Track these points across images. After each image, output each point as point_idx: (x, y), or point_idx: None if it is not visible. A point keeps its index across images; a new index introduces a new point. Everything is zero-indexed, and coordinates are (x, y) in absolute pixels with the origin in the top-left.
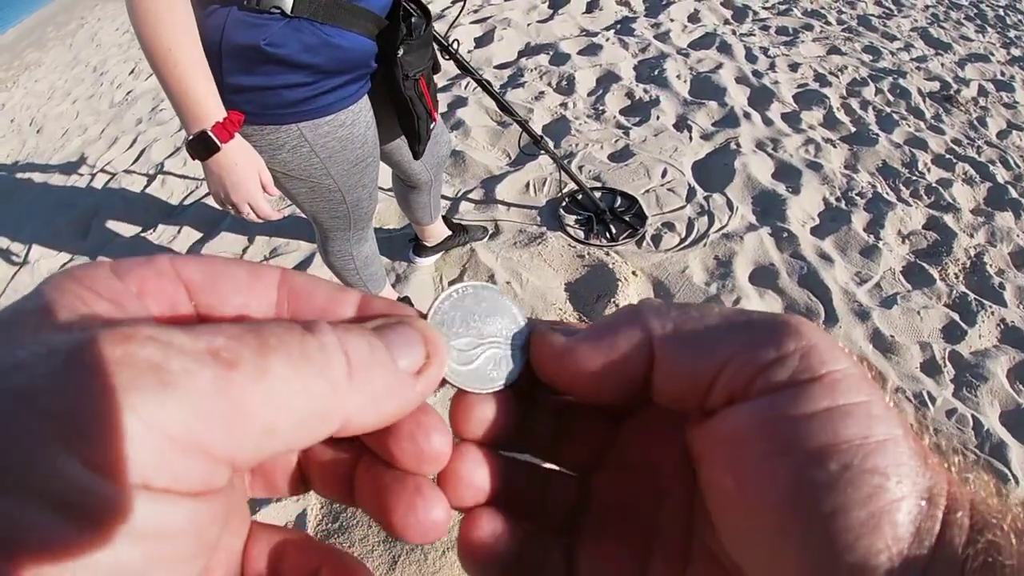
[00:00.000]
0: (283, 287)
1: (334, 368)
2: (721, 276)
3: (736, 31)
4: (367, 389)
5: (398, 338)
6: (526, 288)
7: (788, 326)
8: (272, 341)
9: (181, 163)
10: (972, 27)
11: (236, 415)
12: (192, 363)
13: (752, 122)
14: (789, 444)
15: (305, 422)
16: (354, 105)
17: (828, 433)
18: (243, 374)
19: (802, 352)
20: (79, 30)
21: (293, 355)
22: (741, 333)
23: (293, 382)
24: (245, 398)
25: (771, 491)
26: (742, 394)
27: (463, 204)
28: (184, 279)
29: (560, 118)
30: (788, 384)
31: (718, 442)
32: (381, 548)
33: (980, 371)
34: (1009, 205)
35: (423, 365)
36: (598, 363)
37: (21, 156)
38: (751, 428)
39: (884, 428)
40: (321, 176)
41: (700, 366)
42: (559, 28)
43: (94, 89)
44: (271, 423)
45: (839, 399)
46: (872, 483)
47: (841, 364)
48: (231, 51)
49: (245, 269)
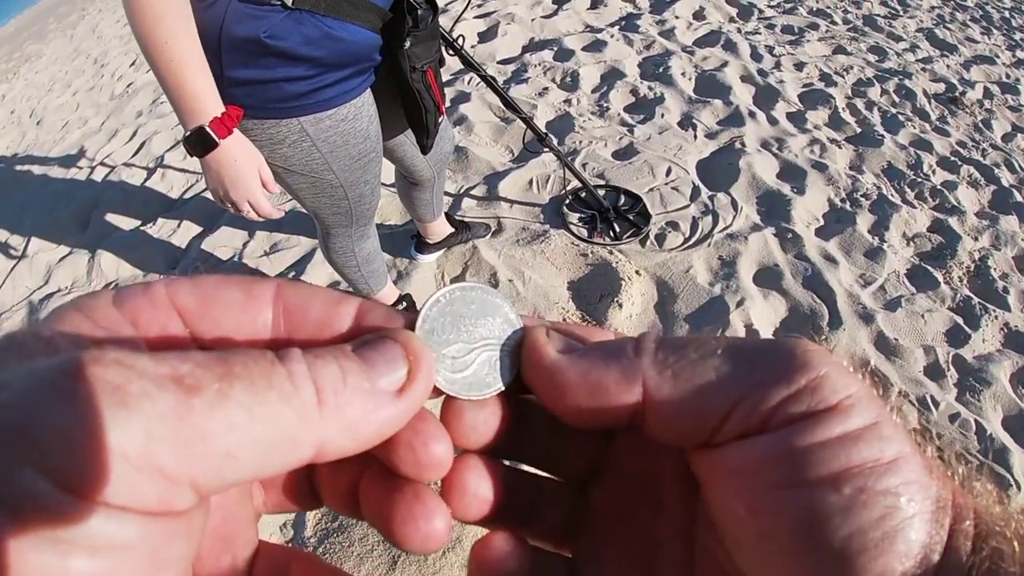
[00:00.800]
0: (278, 303)
1: (302, 396)
2: (725, 276)
3: (741, 29)
4: (340, 415)
5: (378, 356)
6: (529, 286)
7: (796, 358)
8: (237, 369)
9: (181, 156)
10: (978, 29)
11: (194, 439)
12: (152, 386)
13: (757, 121)
14: (803, 473)
15: (271, 449)
16: (356, 99)
17: (841, 460)
18: (203, 400)
19: (813, 385)
20: (80, 22)
21: (256, 383)
22: (749, 372)
23: (255, 409)
24: (203, 423)
25: (785, 518)
26: (756, 430)
27: (465, 201)
28: (179, 307)
29: (564, 115)
30: (802, 416)
31: (729, 471)
32: (381, 548)
33: (983, 375)
34: (1014, 209)
35: (405, 382)
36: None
37: (21, 148)
38: (763, 459)
39: (894, 448)
40: (323, 171)
41: (707, 410)
42: (563, 24)
43: (94, 81)
44: (230, 449)
45: (851, 424)
46: (885, 504)
47: (851, 388)
48: (231, 43)
49: (239, 289)
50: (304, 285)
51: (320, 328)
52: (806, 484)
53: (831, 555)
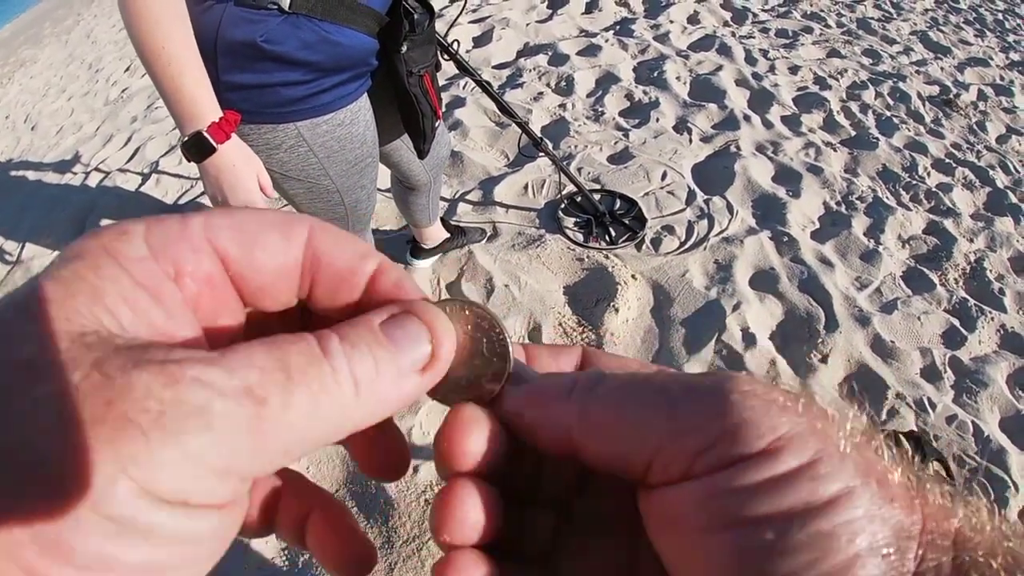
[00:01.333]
0: (309, 248)
1: (345, 391)
2: (721, 280)
3: (736, 33)
4: (371, 400)
5: (404, 336)
6: (524, 291)
7: (714, 404)
8: (296, 376)
9: (176, 162)
10: (971, 31)
11: (263, 445)
12: (231, 405)
13: (752, 125)
14: (729, 518)
15: (316, 440)
16: (353, 104)
17: (769, 503)
18: (270, 410)
19: (732, 432)
20: (75, 27)
21: (313, 387)
22: (668, 421)
23: (311, 411)
24: (271, 431)
25: (716, 564)
26: (679, 479)
27: (461, 205)
28: (220, 251)
29: (559, 119)
30: (724, 464)
31: (660, 515)
32: (379, 554)
33: (980, 377)
34: (1009, 210)
35: (428, 361)
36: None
37: (15, 153)
38: (691, 505)
39: (834, 485)
40: (319, 176)
41: (629, 459)
42: (558, 28)
43: (89, 86)
44: (288, 447)
45: (780, 467)
46: (818, 547)
47: (781, 429)
48: (227, 48)
49: (278, 232)
50: (334, 231)
51: (340, 279)
52: (734, 527)
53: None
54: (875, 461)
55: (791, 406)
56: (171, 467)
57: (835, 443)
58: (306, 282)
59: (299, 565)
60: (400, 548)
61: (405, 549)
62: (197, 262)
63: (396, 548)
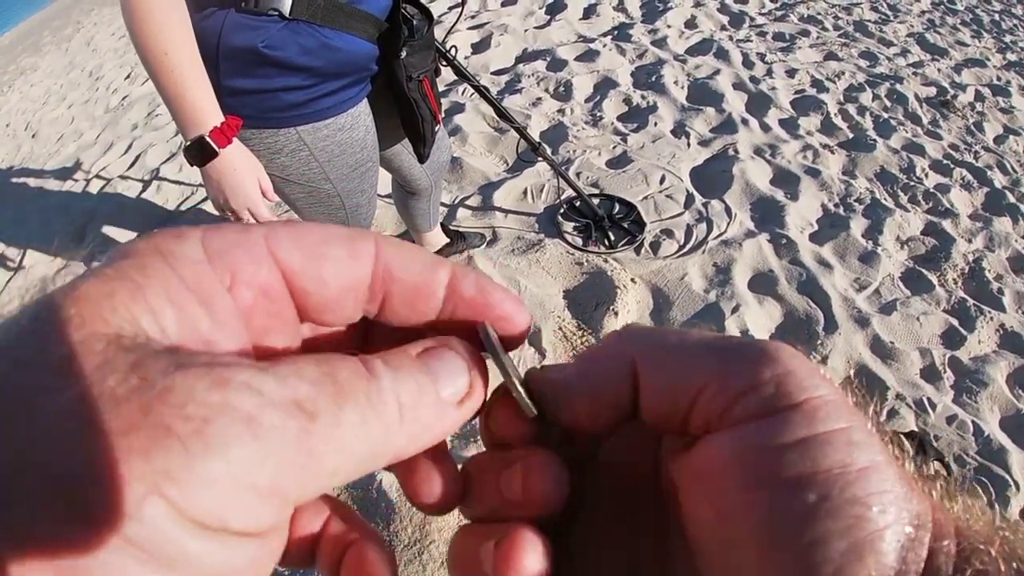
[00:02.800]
0: (378, 263)
1: (389, 412)
2: (720, 283)
3: (733, 37)
4: (413, 427)
5: (443, 368)
6: (524, 296)
7: (763, 353)
8: (346, 389)
9: (177, 169)
10: (968, 32)
11: (311, 464)
12: (280, 416)
13: (750, 128)
14: (766, 475)
15: (363, 463)
16: (353, 109)
17: (806, 462)
18: (321, 425)
19: (778, 380)
20: (75, 35)
21: (361, 403)
22: (715, 360)
23: (359, 430)
24: (320, 448)
25: (749, 523)
26: (717, 423)
27: (460, 211)
28: (281, 263)
29: (558, 124)
30: (764, 413)
31: (696, 475)
32: None
33: (980, 377)
34: (1007, 210)
35: (465, 395)
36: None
37: (16, 161)
38: (728, 459)
39: (865, 455)
40: (320, 181)
41: (677, 391)
42: (556, 34)
43: (90, 94)
44: (337, 467)
45: (818, 427)
46: (853, 513)
47: (821, 391)
48: (228, 53)
49: (344, 248)
50: (401, 244)
51: (417, 292)
52: (770, 486)
53: (793, 565)
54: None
55: (829, 378)
56: (212, 485)
57: (863, 419)
58: (377, 298)
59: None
60: (401, 552)
61: (407, 553)
62: (255, 271)
63: (398, 552)
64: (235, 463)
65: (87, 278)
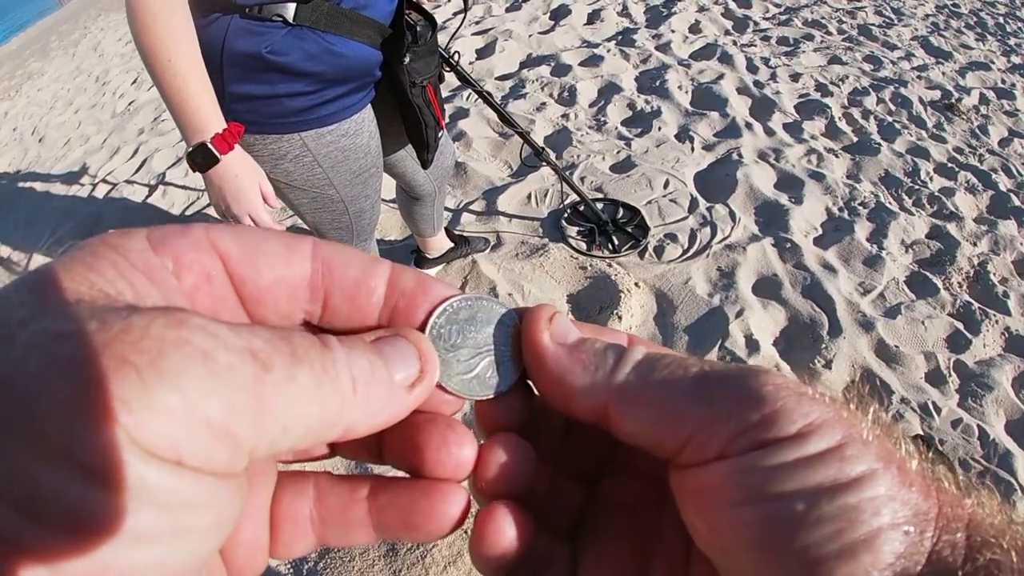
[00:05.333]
0: (316, 259)
1: (343, 384)
2: (724, 287)
3: (737, 42)
4: (366, 403)
5: (395, 353)
6: (528, 300)
7: (750, 392)
8: (300, 352)
9: (182, 174)
10: (972, 35)
11: (263, 412)
12: (236, 359)
13: (754, 132)
14: (761, 491)
15: (314, 428)
16: (357, 115)
17: (796, 480)
18: (274, 377)
19: (767, 419)
20: (82, 40)
21: (316, 368)
22: (706, 407)
23: (313, 392)
24: (273, 399)
25: (743, 535)
26: (714, 460)
27: (464, 215)
28: (220, 251)
29: (562, 129)
30: (757, 446)
31: (690, 491)
32: (382, 563)
33: (985, 380)
34: (1012, 213)
35: (416, 379)
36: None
37: (23, 165)
38: (722, 481)
39: (859, 467)
40: (324, 186)
41: (665, 439)
42: (560, 39)
43: (96, 99)
44: (288, 424)
45: (809, 448)
46: (844, 519)
47: (811, 416)
48: (233, 59)
49: (281, 242)
50: (340, 246)
51: (357, 286)
52: (764, 501)
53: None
54: (894, 450)
55: (819, 398)
56: (166, 415)
57: (860, 430)
58: (318, 296)
59: (304, 572)
60: (404, 556)
61: (409, 556)
62: (196, 256)
63: (400, 556)
64: (189, 394)
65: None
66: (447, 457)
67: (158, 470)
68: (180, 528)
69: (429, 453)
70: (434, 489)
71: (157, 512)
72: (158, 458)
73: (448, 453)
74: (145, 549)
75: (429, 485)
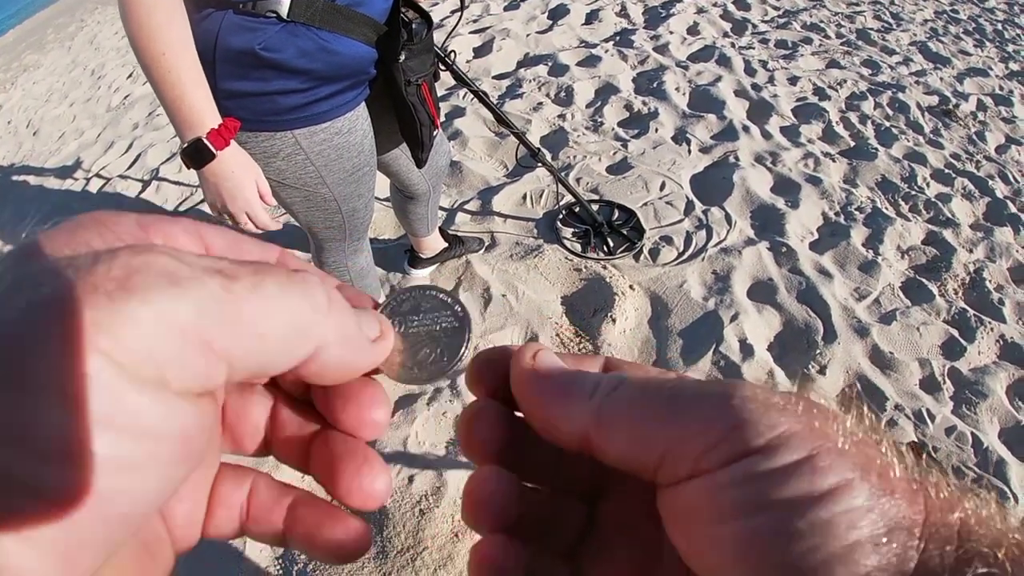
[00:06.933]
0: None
1: (316, 296)
2: (719, 291)
3: (735, 44)
4: (341, 323)
5: (361, 313)
6: (522, 301)
7: (717, 407)
8: (266, 268)
9: (176, 169)
10: (971, 41)
11: (235, 318)
12: (200, 272)
13: (751, 135)
14: (736, 507)
15: (289, 337)
16: (351, 112)
17: (770, 493)
18: (242, 286)
19: (732, 433)
20: (78, 33)
21: (282, 280)
22: (674, 426)
23: (282, 299)
24: (243, 305)
25: (721, 553)
26: (686, 478)
27: (459, 215)
28: (205, 242)
29: (558, 130)
30: (727, 461)
31: (669, 511)
32: (371, 565)
33: (979, 388)
34: (1008, 220)
35: (379, 336)
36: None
37: (17, 158)
38: (700, 499)
39: (832, 479)
40: (316, 185)
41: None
42: (558, 39)
43: (92, 93)
44: (263, 330)
45: (778, 461)
46: (820, 533)
47: (780, 428)
48: (225, 56)
49: (257, 245)
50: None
51: None
52: (739, 517)
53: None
54: (876, 456)
55: (790, 408)
56: (138, 326)
57: (833, 440)
58: None
59: (292, 574)
60: (395, 558)
61: (399, 559)
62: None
63: (391, 558)
64: (157, 303)
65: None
66: (358, 489)
67: (140, 393)
68: (154, 455)
69: (343, 480)
70: (339, 516)
71: (135, 439)
72: (140, 379)
73: (359, 485)
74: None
75: (335, 511)
